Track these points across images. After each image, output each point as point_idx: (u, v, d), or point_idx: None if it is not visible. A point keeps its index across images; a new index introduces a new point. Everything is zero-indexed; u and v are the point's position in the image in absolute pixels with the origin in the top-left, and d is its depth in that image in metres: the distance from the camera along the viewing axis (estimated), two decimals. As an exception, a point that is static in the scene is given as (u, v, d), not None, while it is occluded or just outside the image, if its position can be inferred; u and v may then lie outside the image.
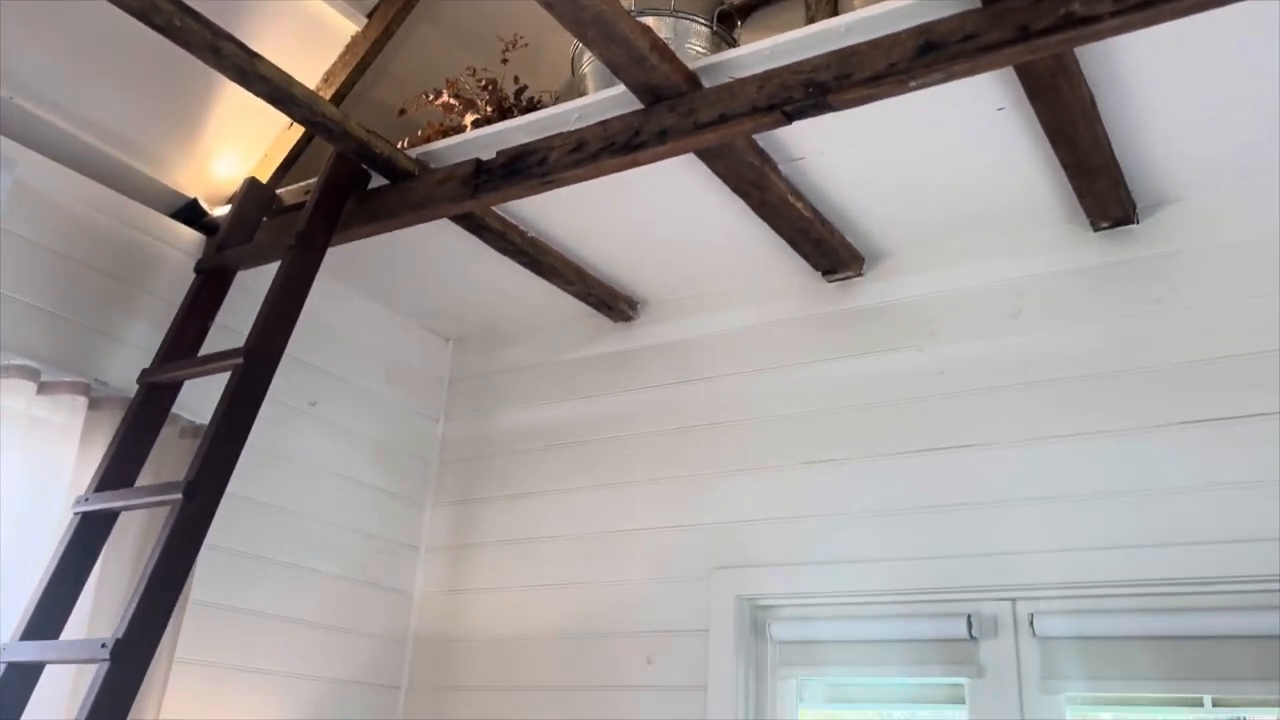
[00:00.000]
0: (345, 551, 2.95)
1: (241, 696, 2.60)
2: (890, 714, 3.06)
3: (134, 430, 2.24)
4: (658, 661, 2.74)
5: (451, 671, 3.03)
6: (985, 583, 2.40)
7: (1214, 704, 2.72)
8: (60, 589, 2.05)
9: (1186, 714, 3.74)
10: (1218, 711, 3.38)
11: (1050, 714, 2.33)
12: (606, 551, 2.93)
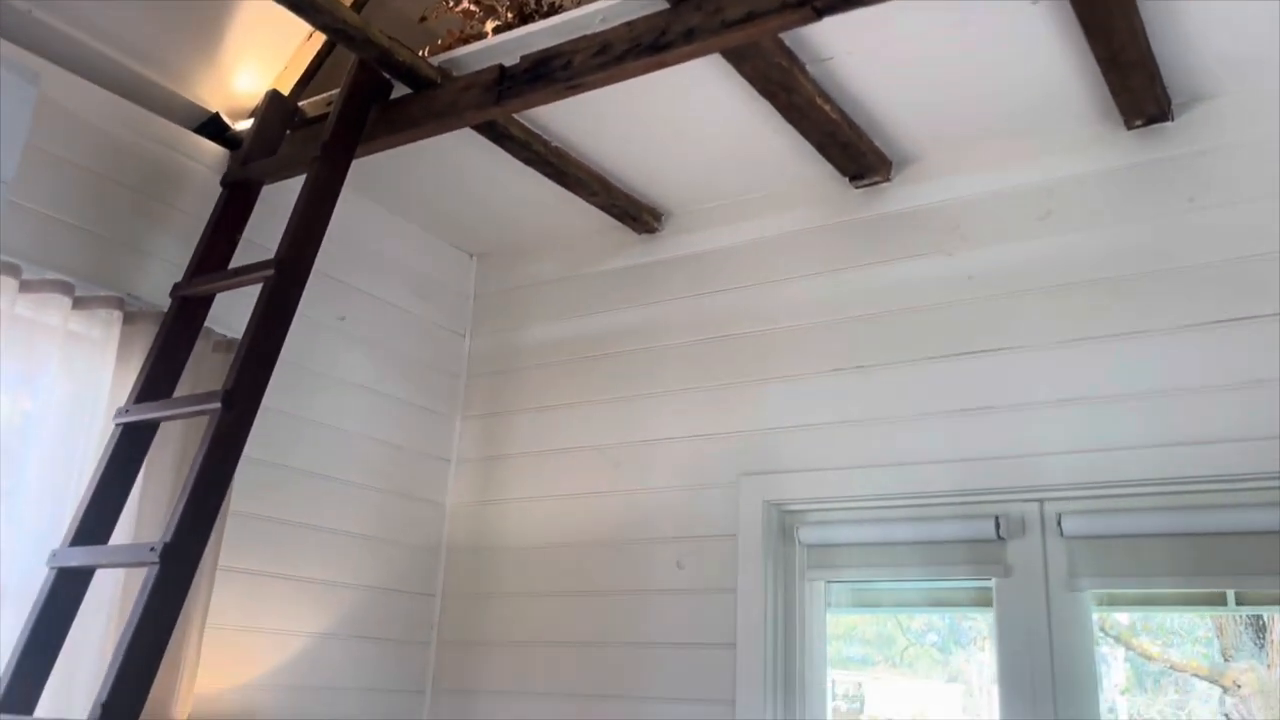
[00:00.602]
0: (378, 464, 2.99)
1: (283, 602, 2.67)
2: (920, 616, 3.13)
3: (169, 343, 2.27)
4: (687, 566, 2.79)
5: (485, 579, 3.10)
6: (1013, 484, 2.42)
7: (1237, 601, 2.76)
8: (106, 498, 2.10)
9: (1209, 612, 3.80)
10: (1241, 609, 3.43)
11: (1076, 612, 2.37)
12: (635, 461, 2.96)
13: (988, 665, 9.37)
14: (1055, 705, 2.33)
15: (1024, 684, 2.38)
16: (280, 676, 2.63)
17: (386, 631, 2.95)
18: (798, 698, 2.63)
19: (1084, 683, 2.32)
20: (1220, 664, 5.91)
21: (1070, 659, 2.35)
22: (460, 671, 3.04)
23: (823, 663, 2.68)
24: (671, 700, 2.70)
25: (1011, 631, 2.43)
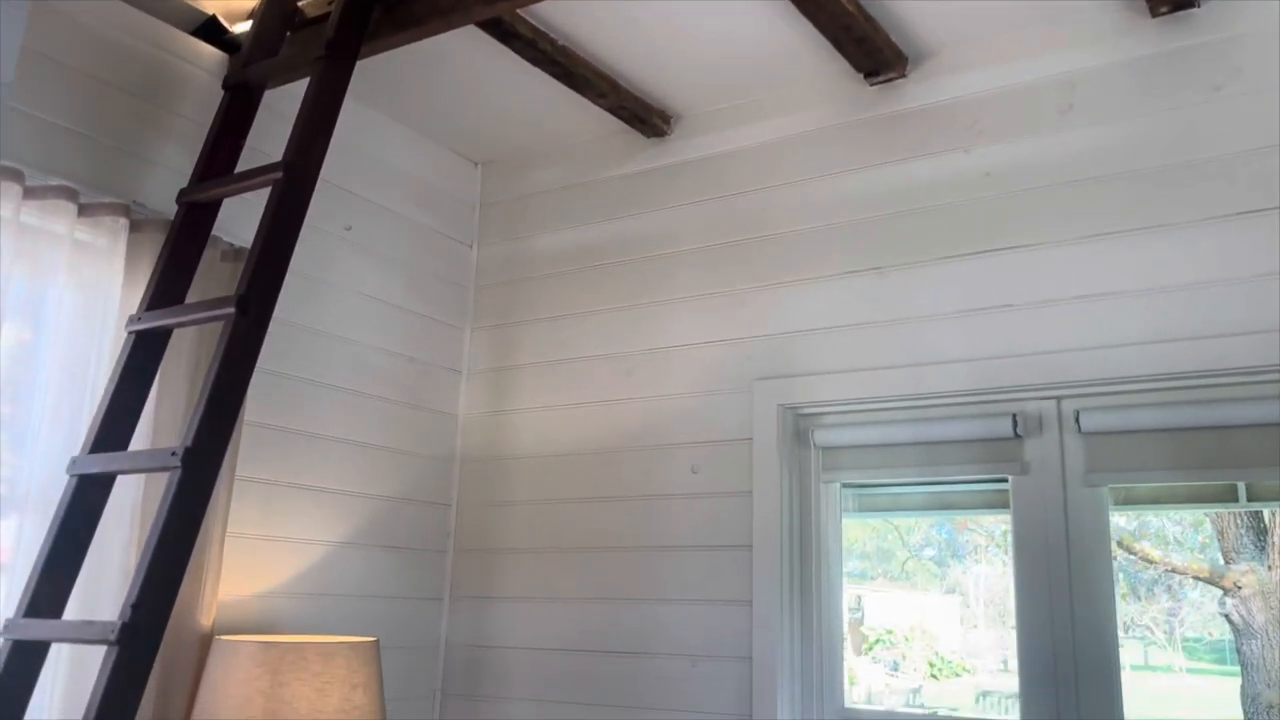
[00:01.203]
0: (389, 375, 2.98)
1: (301, 512, 2.68)
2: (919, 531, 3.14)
3: (177, 251, 2.23)
4: (702, 471, 2.79)
5: (499, 488, 3.11)
6: (1031, 381, 2.41)
7: (1248, 497, 2.78)
8: (122, 406, 2.08)
9: (1220, 508, 3.82)
10: (1251, 504, 3.46)
11: (1093, 508, 2.38)
12: (648, 368, 2.95)
13: (984, 577, 9.51)
14: (1071, 600, 2.35)
15: (1040, 581, 2.40)
16: (301, 584, 2.65)
17: (404, 540, 2.97)
18: (814, 599, 2.66)
19: (1100, 578, 2.34)
20: (1221, 566, 5.99)
21: (1087, 555, 2.36)
22: (478, 578, 3.07)
23: (838, 565, 2.70)
24: (689, 602, 2.73)
25: (1028, 529, 2.44)
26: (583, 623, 2.87)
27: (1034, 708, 2.35)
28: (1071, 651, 2.33)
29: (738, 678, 2.61)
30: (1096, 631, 2.32)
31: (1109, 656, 2.30)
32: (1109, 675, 2.29)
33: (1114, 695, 2.28)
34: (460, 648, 3.05)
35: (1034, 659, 2.37)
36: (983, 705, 10.26)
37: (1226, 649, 9.55)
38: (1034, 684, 2.36)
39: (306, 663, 2.20)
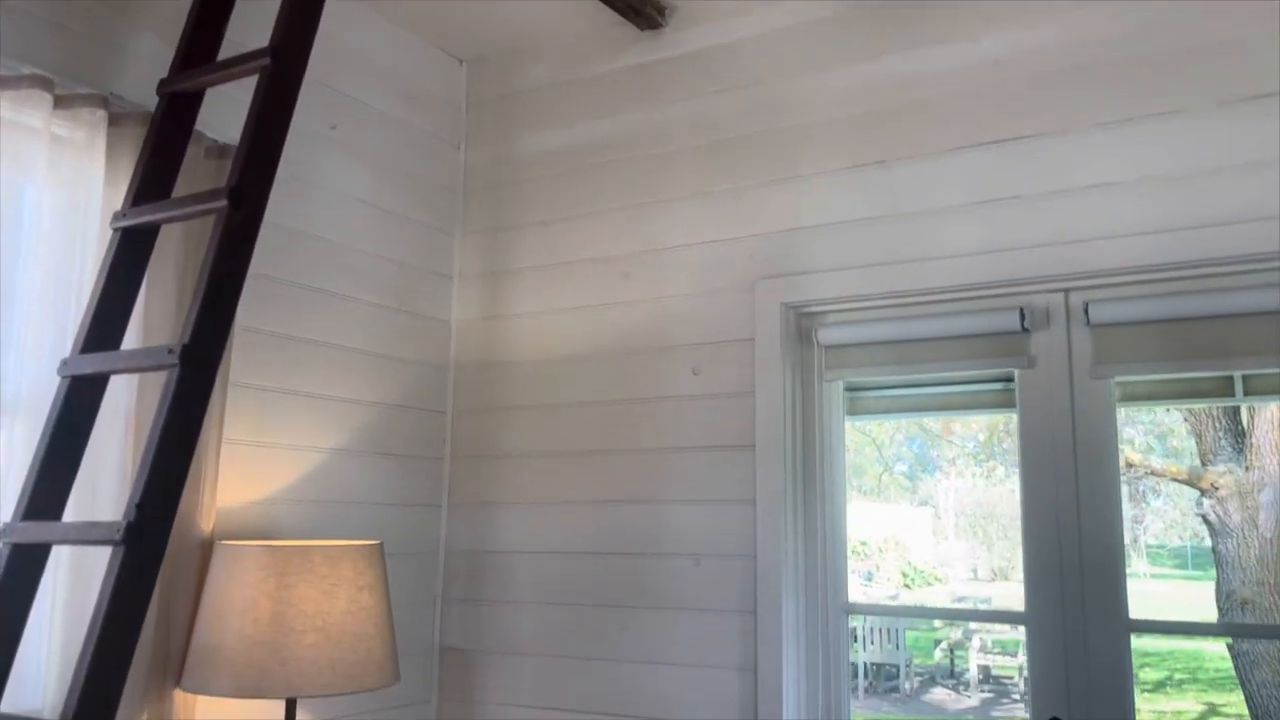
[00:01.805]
0: (380, 279, 2.90)
1: (296, 418, 2.62)
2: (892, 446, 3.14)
3: (160, 144, 2.13)
4: (704, 372, 2.76)
5: (495, 394, 3.06)
6: (1040, 273, 2.38)
7: (1244, 391, 2.78)
8: (111, 306, 2.00)
9: (1218, 403, 3.83)
10: (1248, 399, 3.49)
11: (1099, 400, 2.37)
12: (647, 270, 2.89)
13: (955, 490, 9.57)
14: (1078, 492, 2.36)
15: (1046, 474, 2.40)
16: (299, 491, 2.61)
17: (400, 447, 2.93)
18: (817, 496, 2.65)
19: (1107, 469, 2.35)
20: (1199, 468, 6.08)
21: (1093, 447, 2.36)
22: (476, 484, 3.05)
23: (841, 463, 2.69)
24: (692, 502, 2.71)
25: (1034, 422, 2.43)
26: (584, 525, 2.86)
27: (1038, 597, 2.37)
28: (1077, 542, 2.34)
29: (741, 575, 2.62)
30: (1103, 522, 2.33)
31: (1115, 548, 2.32)
32: (1114, 566, 2.31)
33: (1119, 586, 2.30)
34: (460, 553, 3.04)
35: (1039, 551, 2.38)
36: (960, 605, 10.42)
37: (1189, 554, 9.79)
38: (1038, 575, 2.38)
39: (312, 565, 2.17)
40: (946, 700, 8.85)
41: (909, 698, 8.82)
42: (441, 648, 3.01)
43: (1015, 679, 9.04)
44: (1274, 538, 5.46)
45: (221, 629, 2.12)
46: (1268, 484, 5.42)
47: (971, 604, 10.37)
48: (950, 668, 9.66)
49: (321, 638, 2.13)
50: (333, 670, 2.13)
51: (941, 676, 9.54)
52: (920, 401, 2.98)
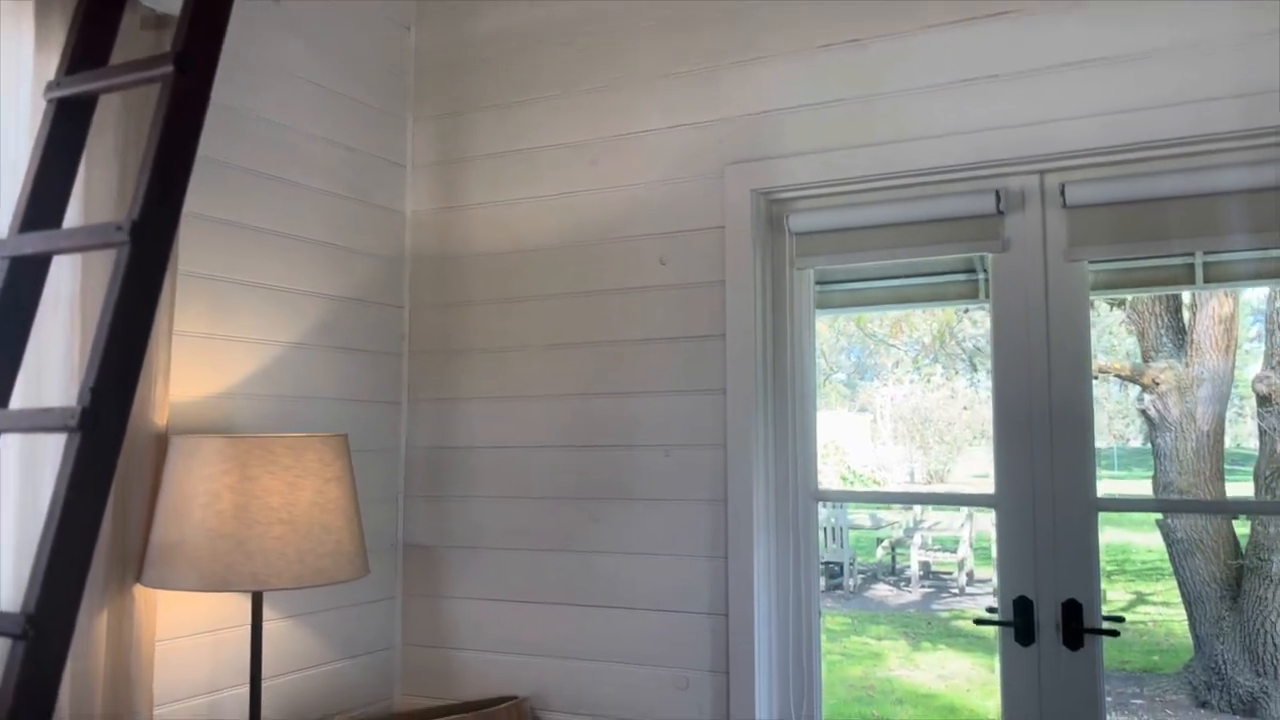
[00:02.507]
0: (329, 166, 2.77)
1: (250, 311, 2.51)
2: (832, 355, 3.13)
3: (93, 8, 1.96)
4: (672, 262, 2.69)
5: (455, 288, 2.97)
6: (1016, 154, 2.34)
7: (1204, 278, 2.79)
8: (49, 182, 1.86)
9: (1180, 290, 3.86)
10: (1208, 286, 3.53)
11: (1073, 283, 2.35)
12: (611, 156, 2.79)
13: (893, 397, 9.80)
14: (1050, 375, 2.36)
15: (1019, 358, 2.39)
16: (255, 385, 2.51)
17: (358, 342, 2.84)
18: (788, 387, 2.62)
19: (1079, 353, 2.35)
20: (1140, 364, 6.20)
21: (1066, 330, 2.36)
22: (436, 381, 2.97)
23: (811, 353, 2.66)
24: (661, 393, 2.67)
25: (1007, 306, 2.42)
26: (549, 420, 2.81)
27: (1008, 479, 2.38)
28: (1048, 424, 2.35)
29: (712, 464, 2.60)
30: (1074, 403, 2.34)
31: (1084, 428, 2.33)
32: (1083, 447, 2.33)
33: (1088, 466, 2.32)
34: (422, 450, 2.97)
35: (1010, 434, 2.39)
36: (900, 506, 10.67)
37: (1115, 456, 10.08)
38: (1008, 458, 2.39)
39: (275, 457, 2.09)
40: (888, 596, 9.12)
41: (852, 594, 9.07)
42: (406, 544, 2.97)
43: (955, 574, 9.33)
44: (1210, 431, 5.62)
45: (182, 523, 2.04)
46: (1206, 379, 5.57)
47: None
48: (892, 565, 9.93)
49: (288, 530, 2.07)
50: (301, 563, 2.07)
51: (883, 574, 9.82)
52: (886, 294, 2.98)
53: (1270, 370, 5.32)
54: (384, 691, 2.87)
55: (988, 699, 5.77)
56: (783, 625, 2.58)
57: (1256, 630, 5.29)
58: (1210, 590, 5.49)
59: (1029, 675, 2.33)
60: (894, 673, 6.48)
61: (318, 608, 2.66)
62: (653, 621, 2.63)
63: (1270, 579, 5.20)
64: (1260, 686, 5.26)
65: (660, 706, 2.61)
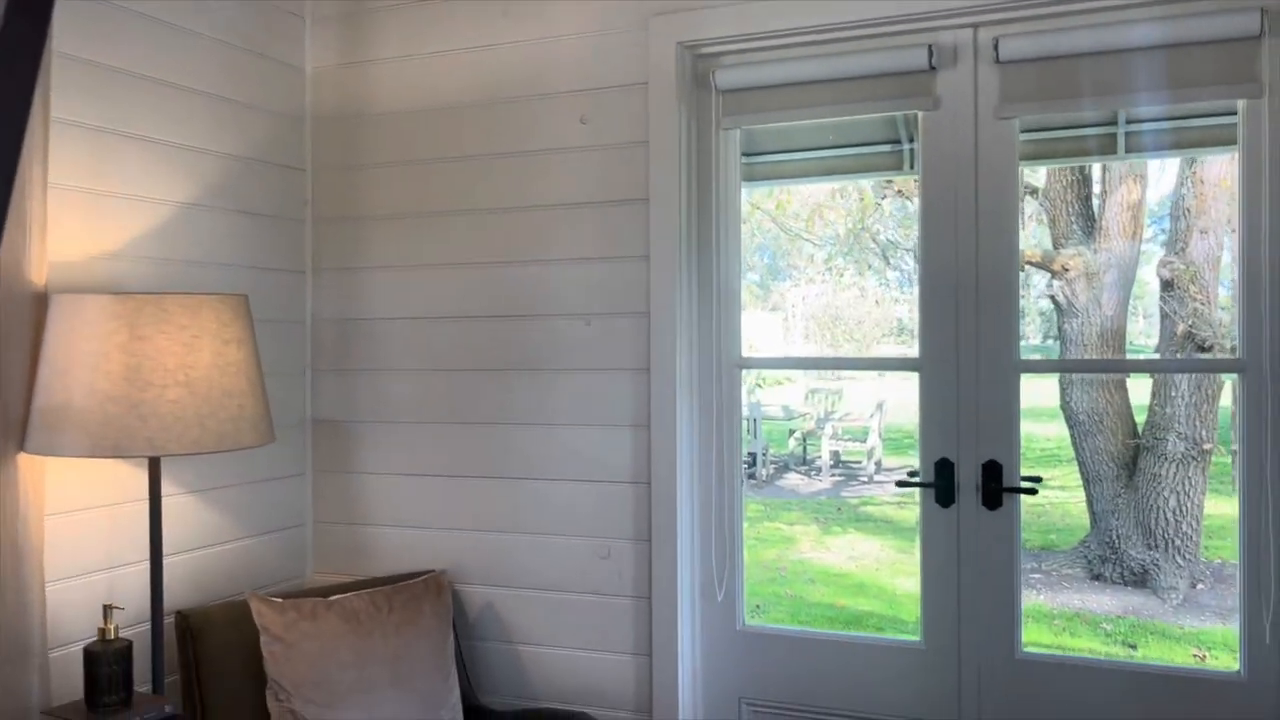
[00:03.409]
0: (219, 11, 2.54)
1: (134, 166, 2.31)
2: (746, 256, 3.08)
3: None
4: (593, 121, 2.57)
5: (359, 149, 2.79)
6: (949, 6, 2.26)
7: (1126, 149, 2.79)
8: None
9: (1103, 160, 3.87)
10: (1129, 156, 3.54)
11: (1003, 140, 2.31)
12: (527, 6, 2.62)
13: (805, 296, 9.81)
14: (977, 233, 2.32)
15: (947, 219, 2.35)
16: (145, 247, 2.33)
17: (257, 206, 2.66)
18: (713, 253, 2.55)
19: (1007, 211, 2.31)
20: (1051, 251, 6.29)
21: (994, 191, 2.32)
22: (341, 249, 2.81)
23: (736, 218, 2.58)
24: (580, 260, 2.57)
25: (936, 167, 2.36)
26: (464, 289, 2.69)
27: (932, 343, 2.36)
28: (973, 288, 2.33)
29: (634, 332, 2.52)
30: (1001, 266, 2.32)
31: (1010, 290, 2.32)
32: (1009, 309, 2.31)
33: (1012, 326, 2.31)
34: (328, 322, 2.83)
35: (935, 297, 2.37)
36: (812, 400, 10.87)
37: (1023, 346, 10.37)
38: (933, 322, 2.36)
39: (169, 315, 1.94)
40: (800, 485, 9.31)
41: (764, 483, 9.23)
42: (314, 419, 2.85)
43: (864, 463, 9.56)
44: (1114, 316, 5.76)
45: (68, 386, 1.89)
46: (1113, 265, 5.68)
47: (824, 394, 10.81)
48: (803, 455, 10.12)
49: (186, 393, 1.93)
50: (201, 427, 1.94)
51: (795, 464, 10.01)
52: (811, 166, 2.93)
53: (1174, 256, 5.44)
54: (296, 569, 2.79)
55: (896, 577, 5.95)
56: (705, 494, 2.56)
57: (1150, 506, 5.52)
58: (1108, 469, 5.70)
59: (949, 535, 2.35)
60: (806, 555, 6.63)
61: (224, 482, 2.54)
62: (573, 492, 2.58)
63: (1165, 457, 5.41)
64: (1151, 559, 5.52)
65: (581, 576, 2.58)
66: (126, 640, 1.95)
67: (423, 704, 2.33)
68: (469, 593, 2.68)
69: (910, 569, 5.95)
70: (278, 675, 2.22)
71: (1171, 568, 5.49)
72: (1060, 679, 2.28)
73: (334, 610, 2.33)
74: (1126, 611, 5.37)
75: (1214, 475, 5.54)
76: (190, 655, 2.23)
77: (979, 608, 2.32)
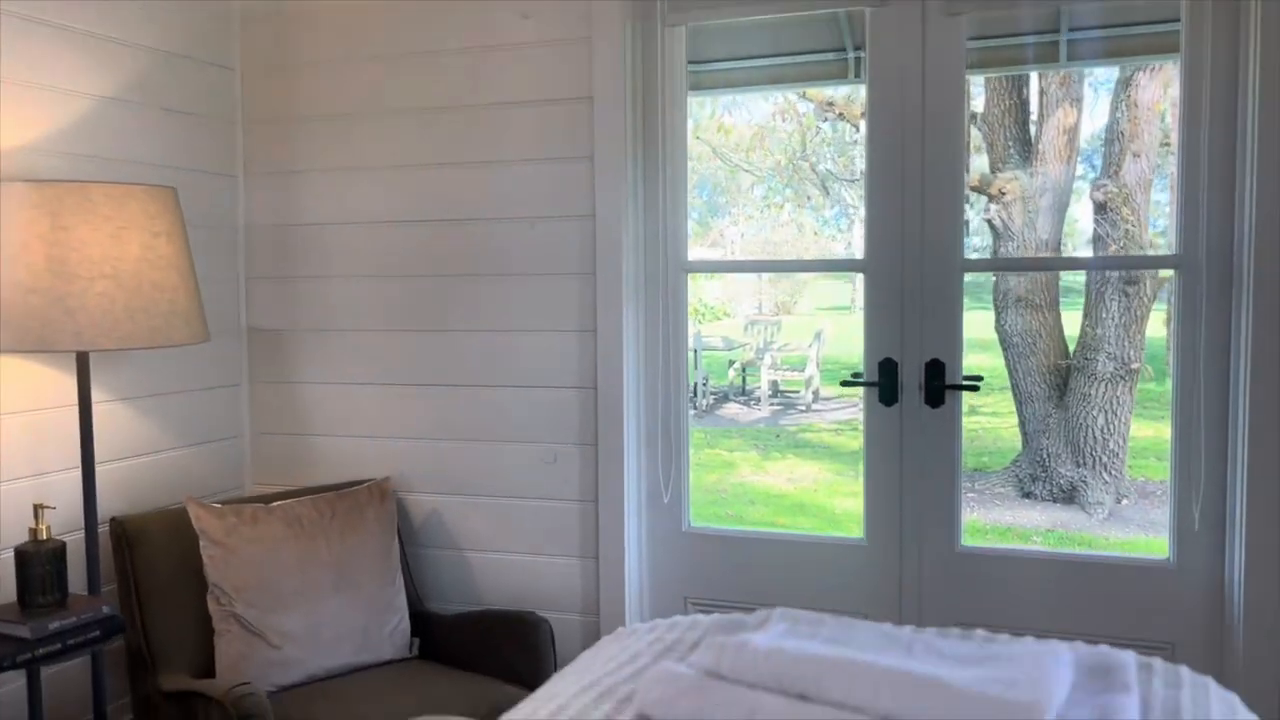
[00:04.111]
0: (141, -104, 2.41)
1: (50, 54, 2.19)
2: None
3: None
4: (534, 16, 2.49)
5: (291, 48, 2.68)
6: (901, -102, 2.22)
7: (1067, 56, 2.81)
8: None
9: (1045, 68, 3.84)
10: (1071, 64, 3.53)
11: (950, 41, 2.29)
12: (464, -103, 2.53)
13: (743, 233, 9.81)
14: (923, 139, 2.32)
15: (894, 121, 2.34)
16: (63, 142, 2.22)
17: (185, 105, 2.55)
18: (659, 154, 2.51)
19: (953, 115, 2.31)
20: (989, 175, 6.35)
21: (941, 91, 2.30)
22: (275, 152, 2.71)
23: (683, 120, 2.54)
24: (523, 161, 2.52)
25: (884, 68, 2.34)
26: (404, 193, 2.62)
27: (878, 244, 2.36)
28: (919, 189, 2.33)
29: (580, 234, 2.49)
30: (946, 167, 2.32)
31: (956, 190, 2.32)
32: (955, 209, 2.32)
33: (957, 228, 2.32)
34: (263, 228, 2.74)
35: (881, 198, 2.36)
36: (751, 331, 10.95)
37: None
38: (879, 223, 2.36)
39: (94, 205, 1.86)
40: (739, 414, 9.39)
41: (705, 413, 9.29)
42: (250, 328, 2.77)
43: (802, 393, 9.67)
44: (1049, 240, 5.85)
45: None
46: (1048, 189, 5.75)
47: (763, 325, 10.90)
48: (743, 386, 10.21)
49: (114, 286, 1.86)
50: (132, 321, 1.87)
51: (734, 394, 10.09)
52: (757, 75, 2.92)
53: (1107, 179, 5.52)
54: (233, 481, 2.73)
55: (834, 497, 6.05)
56: (651, 398, 2.55)
57: (1079, 425, 5.67)
58: (1040, 390, 5.83)
59: (891, 434, 2.38)
60: (746, 479, 6.70)
61: (155, 390, 2.47)
62: (519, 398, 2.56)
63: (1094, 376, 5.55)
64: (1079, 476, 5.68)
65: (528, 482, 2.56)
66: (60, 541, 1.89)
67: (368, 608, 2.31)
68: (414, 501, 2.66)
69: (848, 490, 6.06)
70: (219, 580, 2.17)
71: (1099, 484, 5.67)
72: (999, 571, 2.34)
73: (275, 515, 2.29)
74: (1055, 526, 5.53)
75: (1141, 400, 5.70)
76: (127, 561, 2.17)
77: (921, 504, 2.36)
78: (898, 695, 1.12)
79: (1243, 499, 2.10)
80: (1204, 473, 2.19)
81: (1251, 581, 2.10)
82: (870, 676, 1.15)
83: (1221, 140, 2.14)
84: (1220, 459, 2.17)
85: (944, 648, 1.37)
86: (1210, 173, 2.15)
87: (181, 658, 2.16)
